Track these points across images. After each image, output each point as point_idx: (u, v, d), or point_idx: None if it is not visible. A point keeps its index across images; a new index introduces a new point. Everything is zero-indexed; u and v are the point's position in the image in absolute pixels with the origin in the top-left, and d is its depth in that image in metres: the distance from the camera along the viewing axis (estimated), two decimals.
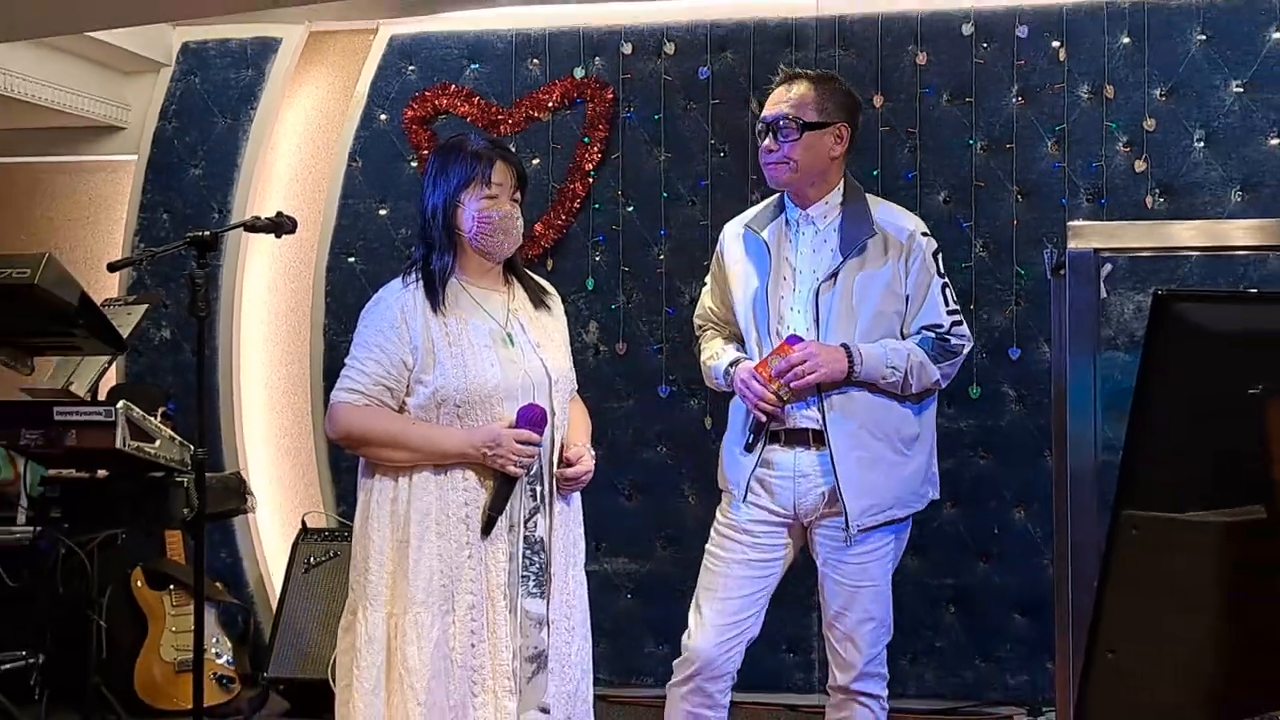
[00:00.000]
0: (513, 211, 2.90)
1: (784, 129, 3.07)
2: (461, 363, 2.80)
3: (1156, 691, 1.54)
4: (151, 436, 3.80)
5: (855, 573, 3.09)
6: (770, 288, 3.11)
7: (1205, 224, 3.62)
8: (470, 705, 2.76)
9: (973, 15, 4.75)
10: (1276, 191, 4.55)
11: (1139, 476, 1.52)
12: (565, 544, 2.91)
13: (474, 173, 2.86)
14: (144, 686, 4.67)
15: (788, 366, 2.96)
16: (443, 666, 2.76)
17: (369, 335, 2.86)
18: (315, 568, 4.86)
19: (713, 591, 3.12)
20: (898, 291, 3.08)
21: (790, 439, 3.07)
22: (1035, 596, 4.67)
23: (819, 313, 3.05)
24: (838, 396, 3.02)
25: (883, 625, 3.15)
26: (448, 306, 2.85)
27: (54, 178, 5.58)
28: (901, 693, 4.79)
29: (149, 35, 5.15)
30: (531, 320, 2.95)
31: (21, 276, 3.60)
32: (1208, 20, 4.61)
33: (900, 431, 3.09)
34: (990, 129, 4.74)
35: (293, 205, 4.92)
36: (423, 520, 2.78)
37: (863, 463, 3.02)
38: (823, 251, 3.10)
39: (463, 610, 2.78)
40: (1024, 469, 4.70)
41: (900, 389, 3.05)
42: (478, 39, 5.12)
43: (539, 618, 2.82)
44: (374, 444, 2.83)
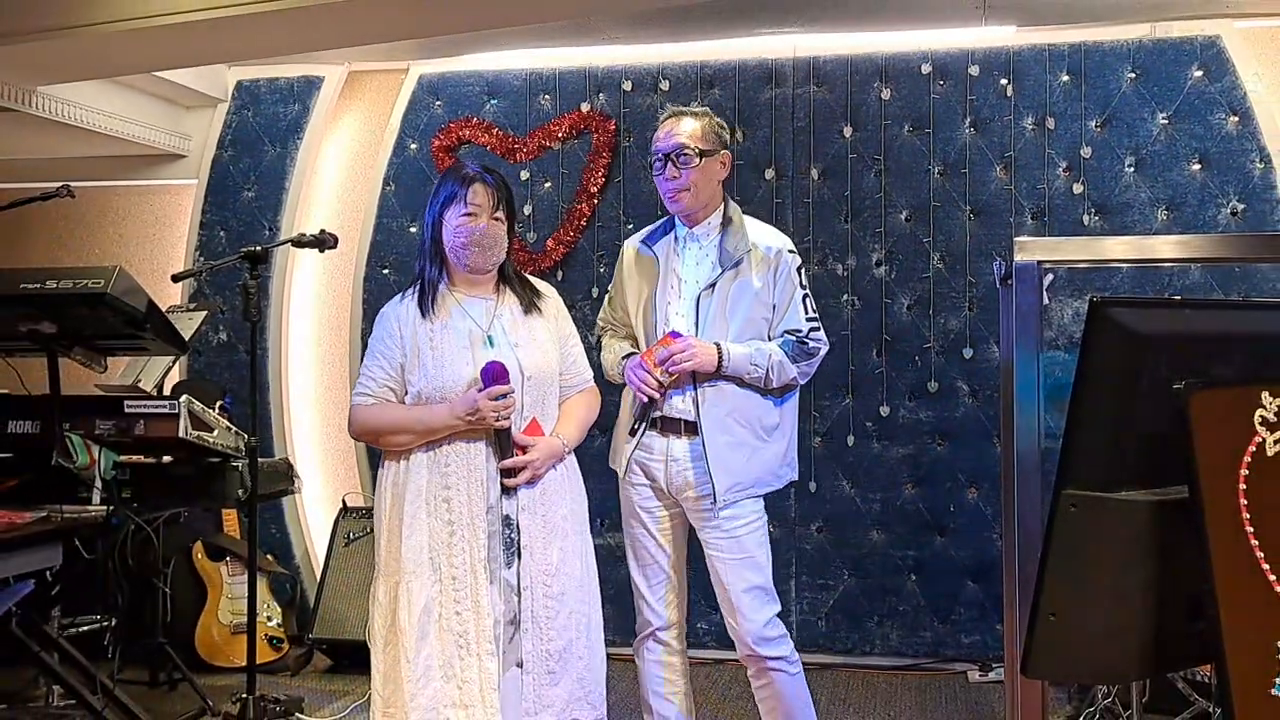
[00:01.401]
0: (490, 228, 2.87)
1: (684, 157, 3.07)
2: (440, 363, 2.83)
3: (1092, 649, 1.53)
4: (210, 426, 3.79)
5: (730, 546, 3.09)
6: (659, 295, 3.14)
7: (1134, 239, 3.62)
8: (456, 665, 2.77)
9: (930, 56, 4.76)
10: (1198, 211, 4.55)
11: (1077, 460, 1.52)
12: (543, 520, 2.87)
13: (454, 193, 2.87)
14: (203, 646, 4.67)
15: (668, 355, 3.00)
16: (430, 630, 2.77)
17: (375, 345, 2.94)
18: (353, 542, 4.86)
19: (638, 566, 3.21)
20: (766, 300, 3.11)
21: (665, 427, 3.10)
22: (985, 566, 4.67)
23: (699, 316, 3.08)
24: (709, 389, 3.05)
25: (765, 593, 3.12)
26: (435, 313, 2.88)
27: (124, 200, 5.58)
28: (869, 651, 4.80)
29: (207, 74, 5.16)
30: (515, 323, 2.92)
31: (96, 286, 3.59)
32: (1137, 61, 4.62)
33: (762, 420, 3.11)
34: (946, 156, 4.74)
35: (334, 224, 4.93)
36: (415, 499, 2.82)
37: (729, 446, 3.05)
38: (704, 264, 3.13)
39: (448, 581, 2.79)
40: (975, 454, 4.70)
41: (762, 384, 3.08)
42: (496, 77, 5.12)
43: (514, 586, 2.82)
44: (383, 433, 2.88)
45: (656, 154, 3.12)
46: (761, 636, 3.09)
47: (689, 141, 3.08)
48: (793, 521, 4.82)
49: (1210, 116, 4.55)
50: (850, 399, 4.79)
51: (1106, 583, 1.50)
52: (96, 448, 3.61)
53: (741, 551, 3.09)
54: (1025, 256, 2.72)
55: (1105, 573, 1.50)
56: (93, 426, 3.65)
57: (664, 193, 3.13)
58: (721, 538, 3.09)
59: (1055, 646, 1.51)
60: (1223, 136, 4.55)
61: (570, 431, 2.97)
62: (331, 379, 5.36)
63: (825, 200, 4.83)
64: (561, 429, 2.95)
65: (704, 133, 3.11)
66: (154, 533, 4.37)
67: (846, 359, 4.73)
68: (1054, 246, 2.84)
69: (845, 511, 4.82)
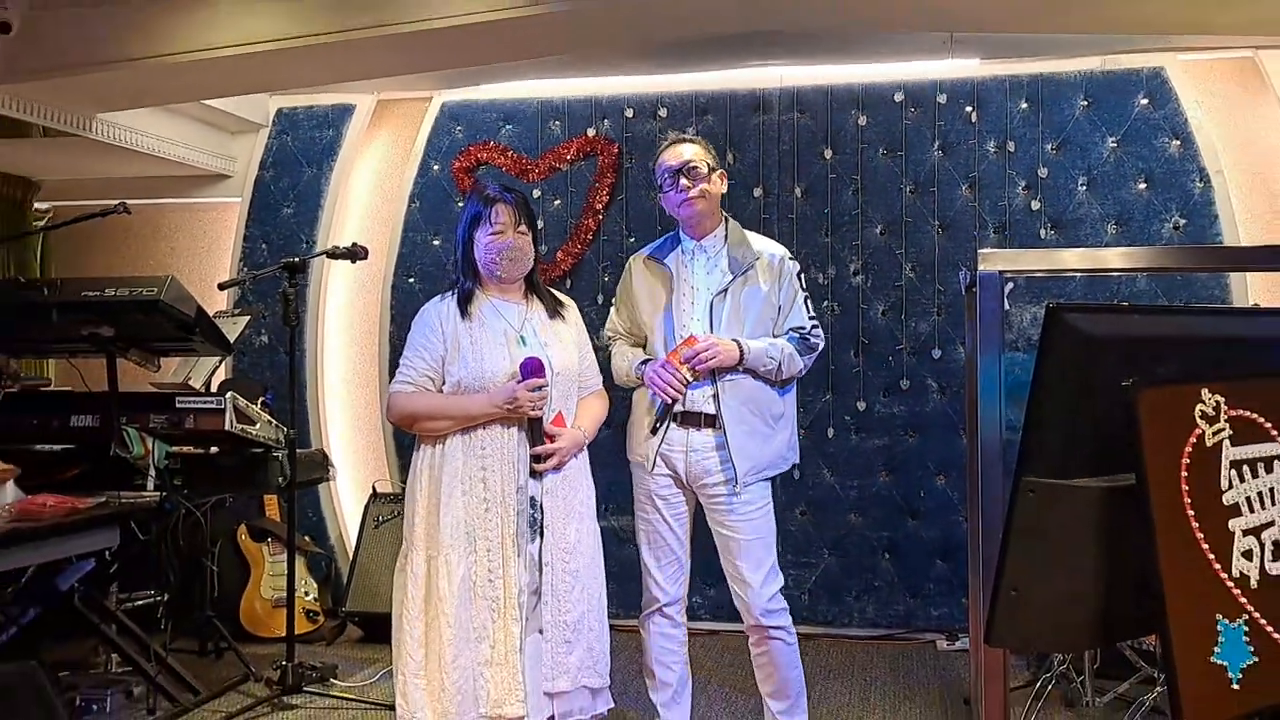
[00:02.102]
0: (516, 241, 2.90)
1: (695, 170, 3.09)
2: (480, 356, 2.86)
3: (1049, 621, 1.54)
4: (253, 420, 3.80)
5: (744, 527, 3.10)
6: (675, 302, 3.14)
7: (1087, 251, 3.62)
8: (489, 628, 2.80)
9: (902, 86, 4.76)
10: (1143, 225, 4.55)
11: (1034, 451, 1.52)
12: (564, 504, 2.90)
13: (479, 213, 2.91)
14: (247, 618, 4.67)
15: (694, 354, 2.99)
16: (467, 596, 2.79)
17: (415, 338, 2.94)
18: (382, 524, 4.86)
19: (650, 548, 3.21)
20: (772, 302, 3.13)
21: (686, 421, 3.10)
22: (952, 546, 4.67)
23: (713, 319, 3.09)
24: (728, 383, 3.06)
25: (773, 569, 3.14)
26: (473, 315, 2.90)
27: (175, 216, 5.58)
28: (847, 623, 4.80)
29: (250, 102, 5.16)
30: (544, 326, 2.97)
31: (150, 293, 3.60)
32: (1089, 90, 4.62)
33: (770, 410, 3.13)
34: (917, 176, 4.74)
35: (364, 237, 4.92)
36: (452, 480, 2.83)
37: (745, 434, 3.06)
38: (714, 272, 3.14)
39: (483, 553, 2.82)
40: (943, 445, 4.70)
41: (775, 375, 3.09)
42: (511, 105, 5.12)
43: (536, 560, 2.84)
44: (421, 418, 2.88)
45: (665, 172, 3.12)
46: (767, 609, 3.11)
47: (696, 158, 3.11)
48: (779, 506, 4.78)
49: (1155, 140, 4.55)
50: (830, 395, 4.79)
51: (1062, 561, 1.50)
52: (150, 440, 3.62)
53: (754, 532, 3.11)
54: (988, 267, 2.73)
55: (1060, 552, 1.50)
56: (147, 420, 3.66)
57: (676, 204, 3.12)
58: (737, 520, 3.09)
59: (1015, 618, 1.51)
60: (1166, 158, 4.54)
61: (589, 426, 3.01)
62: (362, 378, 5.36)
63: (807, 216, 4.83)
64: (580, 422, 2.99)
65: (705, 153, 3.15)
66: (202, 516, 4.37)
67: (827, 359, 4.72)
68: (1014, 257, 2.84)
69: (826, 497, 4.82)
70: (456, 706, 2.76)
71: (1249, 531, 1.48)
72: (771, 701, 3.21)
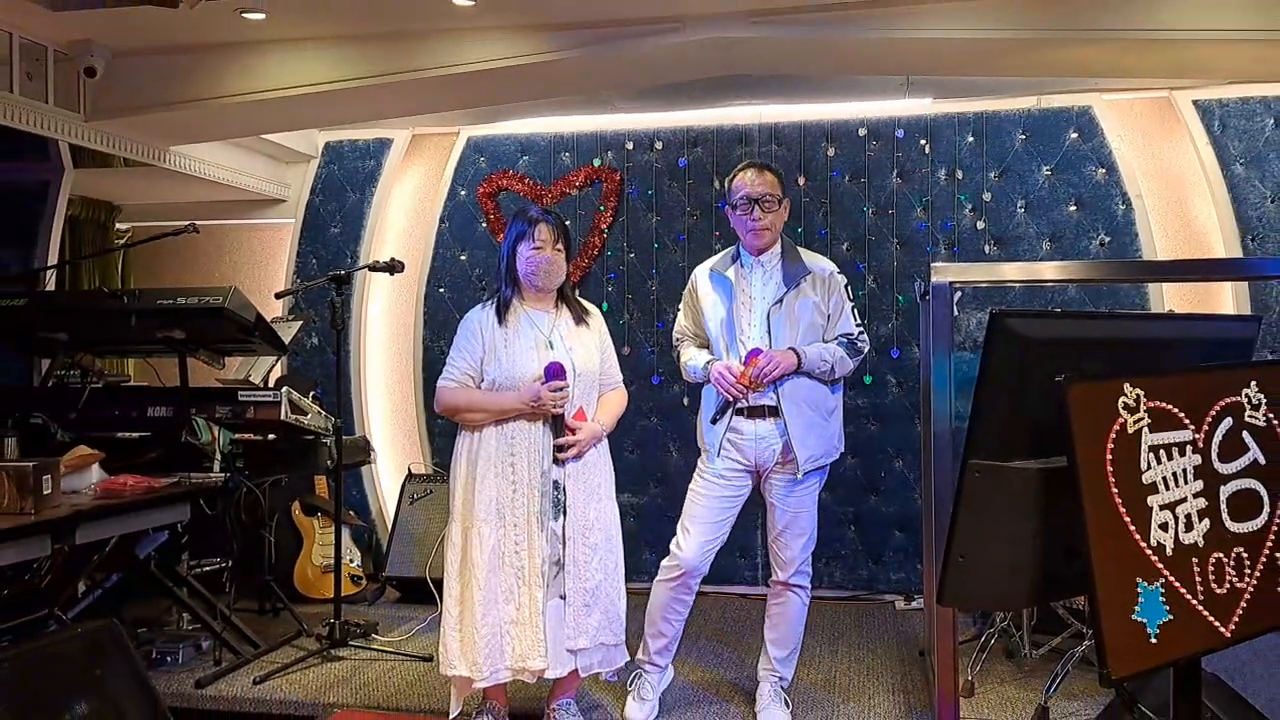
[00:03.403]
0: (554, 257, 2.91)
1: (768, 203, 3.06)
2: (513, 359, 2.86)
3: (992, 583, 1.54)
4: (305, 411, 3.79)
5: (795, 503, 3.12)
6: (735, 311, 3.11)
7: (1025, 264, 3.62)
8: (516, 592, 2.82)
9: (865, 122, 4.75)
10: (1074, 242, 4.55)
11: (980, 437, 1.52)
12: (583, 485, 2.90)
13: (524, 231, 2.91)
14: (301, 582, 4.67)
15: (759, 373, 2.98)
16: (496, 564, 2.80)
17: (460, 341, 2.94)
18: (417, 501, 4.86)
19: (697, 517, 3.13)
20: (823, 311, 3.11)
21: (752, 413, 3.08)
22: (909, 519, 4.67)
23: (770, 326, 3.06)
24: (788, 383, 3.04)
25: (811, 539, 3.17)
26: (509, 321, 2.90)
27: (237, 235, 5.57)
28: (817, 585, 4.77)
29: (302, 136, 5.15)
30: (570, 332, 2.96)
31: (215, 301, 3.60)
32: (1027, 125, 4.62)
33: (824, 405, 3.12)
34: (878, 199, 4.74)
35: (401, 252, 4.93)
36: (486, 464, 2.84)
37: (805, 426, 3.05)
38: (769, 284, 3.11)
39: (510, 527, 2.82)
40: (901, 432, 4.70)
41: (827, 375, 3.08)
42: (528, 138, 5.12)
43: (559, 535, 2.84)
44: (462, 410, 2.89)
45: (743, 196, 3.07)
46: (799, 569, 3.15)
47: (773, 191, 3.07)
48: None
49: (1084, 169, 4.55)
50: None
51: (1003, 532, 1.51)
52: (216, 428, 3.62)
53: (804, 509, 3.13)
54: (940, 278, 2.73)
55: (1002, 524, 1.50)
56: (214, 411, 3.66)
57: (747, 229, 3.08)
58: (793, 499, 3.11)
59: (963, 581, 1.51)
60: (1093, 184, 4.54)
61: (607, 420, 3.00)
62: (399, 375, 5.35)
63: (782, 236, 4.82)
64: (600, 416, 2.99)
65: (779, 184, 3.10)
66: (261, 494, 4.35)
67: None
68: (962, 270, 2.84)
69: None
70: (484, 658, 2.78)
71: (1165, 506, 1.48)
72: (772, 648, 3.22)
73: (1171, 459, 1.50)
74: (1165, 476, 1.49)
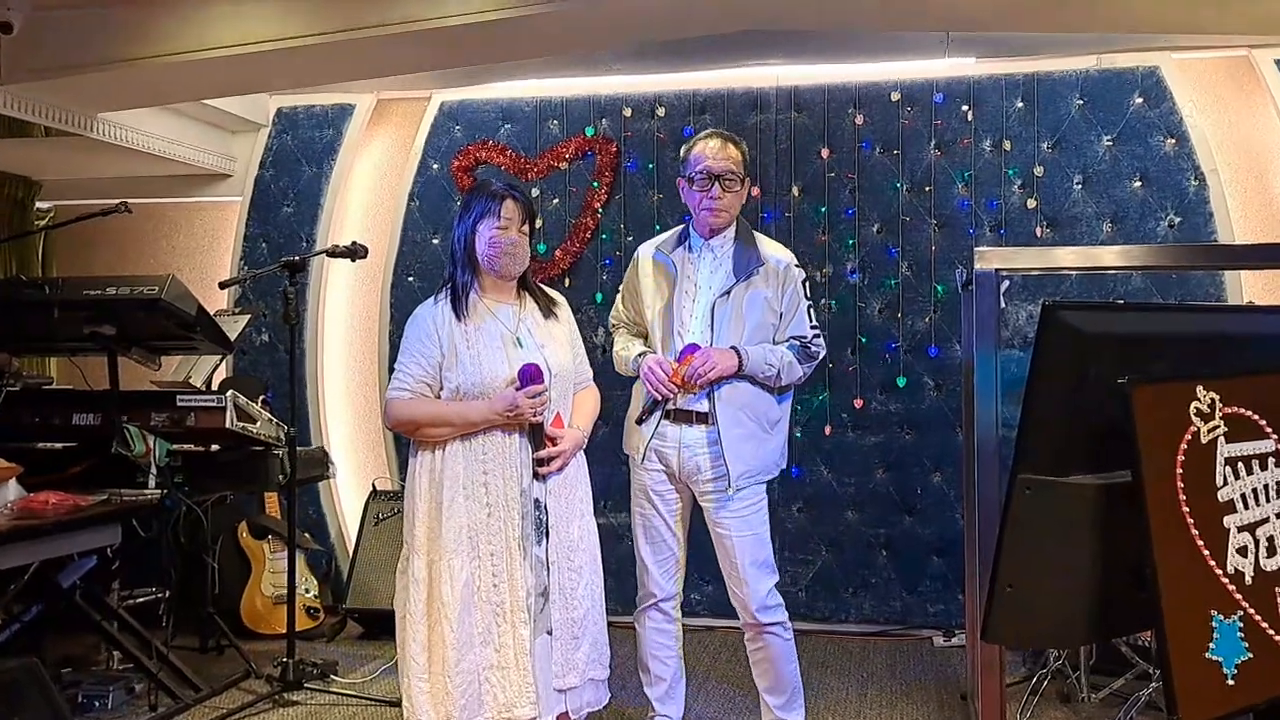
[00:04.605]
0: (519, 240, 2.88)
1: (729, 181, 3.07)
2: (478, 361, 2.81)
3: (1045, 617, 1.53)
4: (254, 418, 3.79)
5: (739, 525, 3.11)
6: (676, 300, 3.12)
7: (1082, 249, 3.61)
8: (494, 632, 2.78)
9: (899, 85, 4.75)
10: (1139, 223, 4.55)
11: (1031, 447, 1.52)
12: (565, 502, 2.89)
13: (488, 207, 2.86)
14: (248, 615, 4.67)
15: (693, 372, 2.99)
16: (471, 601, 2.77)
17: (410, 344, 2.89)
18: (383, 521, 4.86)
19: (646, 543, 3.21)
20: (775, 308, 3.11)
21: (679, 417, 3.09)
22: (949, 543, 4.67)
23: (714, 320, 3.07)
24: (725, 386, 3.05)
25: (766, 566, 3.15)
26: (468, 316, 2.86)
27: (176, 215, 5.57)
28: (844, 619, 4.80)
29: (251, 102, 5.15)
30: (539, 326, 2.93)
31: (151, 292, 3.59)
32: (1085, 88, 4.62)
33: (767, 415, 3.13)
34: (913, 175, 4.74)
35: (364, 236, 4.91)
36: (452, 485, 2.80)
37: (741, 437, 3.06)
38: (718, 273, 3.12)
39: (486, 558, 2.78)
40: (940, 442, 4.70)
41: (773, 381, 3.09)
42: (510, 104, 5.12)
43: (544, 561, 2.82)
44: (420, 425, 2.84)
45: (703, 171, 3.07)
46: (763, 605, 3.11)
47: (736, 168, 3.07)
48: (776, 503, 4.81)
49: (1150, 139, 4.55)
50: (828, 393, 4.78)
51: (1058, 557, 1.50)
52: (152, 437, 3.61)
53: (749, 529, 3.11)
54: (984, 265, 2.73)
55: (1057, 548, 1.50)
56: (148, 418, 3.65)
57: (702, 207, 3.09)
58: (731, 518, 3.10)
59: (1012, 615, 1.51)
60: (1161, 157, 4.54)
61: (584, 423, 2.99)
62: (362, 376, 5.35)
63: (804, 214, 4.83)
64: (577, 420, 2.97)
65: (744, 160, 3.11)
66: (203, 514, 4.36)
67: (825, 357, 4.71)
68: (1010, 256, 2.84)
69: (823, 494, 4.82)
70: (461, 711, 2.75)
71: (1244, 528, 1.48)
72: (768, 697, 3.21)
73: (1251, 473, 1.50)
74: (1244, 493, 1.49)
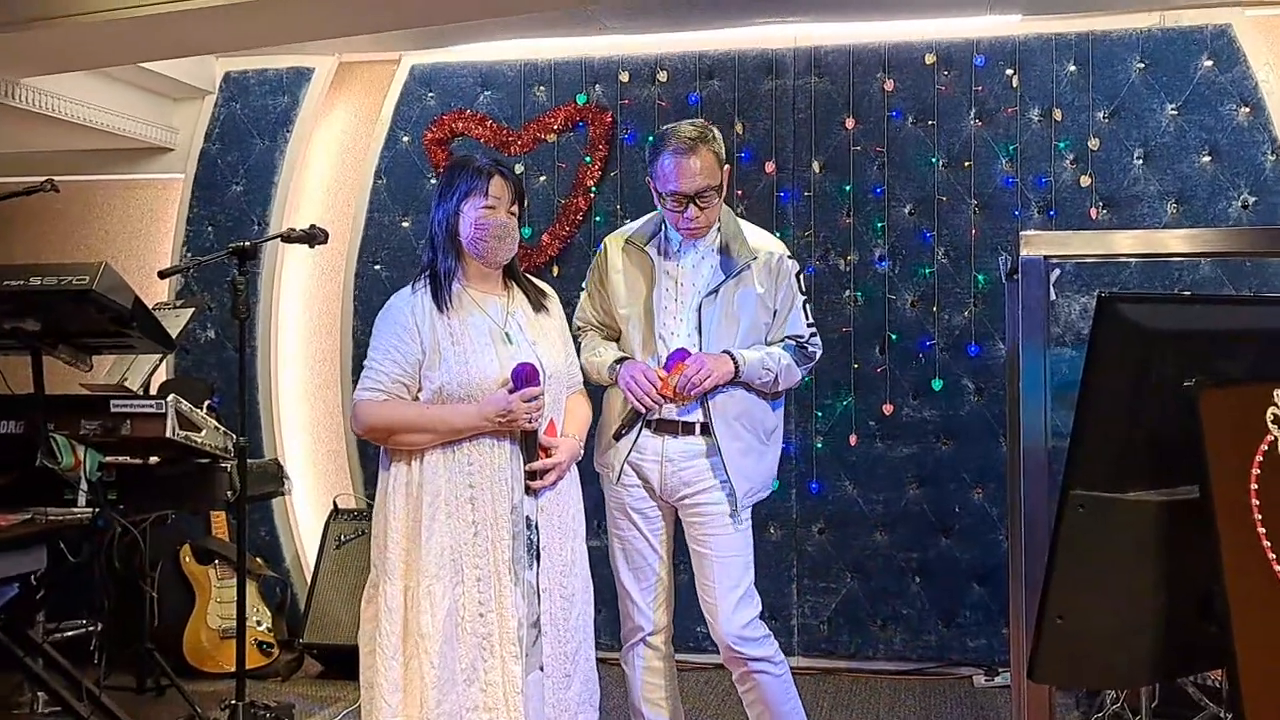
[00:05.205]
0: (508, 222, 2.89)
1: (706, 198, 3.04)
2: (464, 359, 2.82)
3: (1100, 653, 1.53)
4: (198, 426, 3.79)
5: (725, 546, 3.11)
6: (657, 299, 3.12)
7: (1143, 233, 3.61)
8: (480, 668, 2.77)
9: (934, 46, 4.75)
10: (1207, 204, 4.55)
11: (1085, 460, 1.52)
12: (558, 521, 2.90)
13: (474, 185, 2.87)
14: (192, 651, 4.67)
15: (686, 381, 2.98)
16: (454, 633, 2.76)
17: (384, 339, 2.88)
18: (345, 544, 4.86)
19: (629, 570, 3.20)
20: (768, 305, 3.13)
21: (660, 428, 3.09)
22: (991, 568, 4.67)
23: (701, 322, 3.07)
24: (720, 394, 3.05)
25: (749, 593, 3.15)
26: (451, 308, 2.86)
27: (109, 194, 5.57)
28: (872, 655, 4.80)
29: (194, 65, 5.15)
30: (530, 320, 2.94)
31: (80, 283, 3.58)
32: (1146, 49, 4.62)
33: (764, 425, 3.15)
34: (950, 148, 4.74)
35: (324, 218, 4.91)
36: (433, 501, 2.79)
37: (740, 451, 3.08)
38: (702, 268, 3.12)
39: (471, 582, 2.78)
40: (981, 453, 4.70)
41: (770, 387, 3.10)
42: (490, 68, 5.12)
43: (535, 587, 2.83)
44: (396, 431, 2.83)
45: (673, 193, 3.04)
46: (741, 636, 3.10)
47: (709, 181, 3.03)
48: (794, 523, 4.82)
49: (1220, 107, 4.55)
50: (853, 397, 4.79)
51: (1115, 585, 1.50)
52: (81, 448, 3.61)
53: (733, 549, 3.12)
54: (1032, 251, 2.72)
55: (1114, 575, 1.50)
56: (78, 427, 3.64)
57: (681, 226, 3.08)
58: (716, 534, 3.10)
59: (1063, 651, 1.51)
60: (1233, 128, 4.54)
61: (579, 432, 3.00)
62: (322, 378, 5.35)
63: (827, 194, 4.83)
64: (571, 429, 2.98)
65: (716, 161, 3.06)
66: (141, 535, 4.35)
67: (849, 356, 4.73)
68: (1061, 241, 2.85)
69: (847, 512, 4.82)
70: None
71: None
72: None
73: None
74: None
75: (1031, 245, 2.73)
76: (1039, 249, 2.72)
